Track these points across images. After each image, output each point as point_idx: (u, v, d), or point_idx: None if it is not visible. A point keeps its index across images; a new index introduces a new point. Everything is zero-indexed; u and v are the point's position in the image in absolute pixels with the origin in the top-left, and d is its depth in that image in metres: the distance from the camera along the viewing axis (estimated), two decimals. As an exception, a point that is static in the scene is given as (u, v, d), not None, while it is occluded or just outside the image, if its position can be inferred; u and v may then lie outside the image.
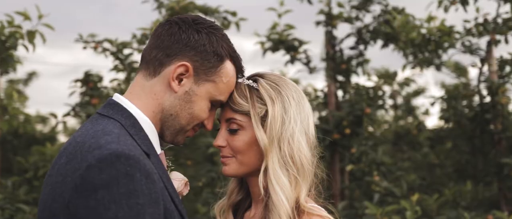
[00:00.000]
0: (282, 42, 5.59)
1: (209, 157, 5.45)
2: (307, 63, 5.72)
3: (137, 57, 5.13)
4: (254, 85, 1.72)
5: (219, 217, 1.87)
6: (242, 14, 5.39)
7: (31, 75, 11.70)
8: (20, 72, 11.58)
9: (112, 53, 5.04)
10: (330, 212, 1.73)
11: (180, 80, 1.60)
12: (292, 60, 5.67)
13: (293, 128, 1.68)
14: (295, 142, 1.67)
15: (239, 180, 1.86)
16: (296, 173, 1.66)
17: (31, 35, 4.28)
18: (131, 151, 1.41)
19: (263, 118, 1.68)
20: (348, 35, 5.66)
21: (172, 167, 1.75)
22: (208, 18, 1.74)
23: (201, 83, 1.61)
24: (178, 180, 1.71)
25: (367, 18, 5.63)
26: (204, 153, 5.62)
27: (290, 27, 5.59)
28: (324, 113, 5.66)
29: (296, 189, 1.66)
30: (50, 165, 1.54)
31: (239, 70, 1.72)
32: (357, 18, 5.55)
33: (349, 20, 5.51)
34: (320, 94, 6.13)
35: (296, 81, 8.99)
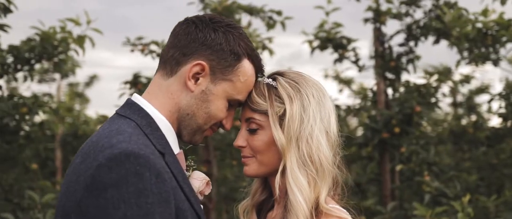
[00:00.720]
0: (330, 41, 5.51)
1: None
2: (356, 61, 5.62)
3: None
4: (273, 84, 1.69)
5: (243, 217, 1.85)
6: (289, 13, 5.36)
7: (92, 78, 12.10)
8: (83, 76, 12.01)
9: (158, 55, 5.12)
10: (379, 213, 1.68)
11: (196, 79, 1.59)
12: (341, 59, 5.59)
13: (312, 126, 1.63)
14: (314, 141, 1.63)
15: (263, 180, 1.83)
16: (315, 174, 1.62)
17: (80, 39, 4.42)
18: (141, 150, 1.41)
19: (282, 117, 1.64)
20: (398, 32, 5.51)
21: (194, 166, 1.75)
22: (253, 18, 1.73)
23: (218, 82, 1.60)
24: (200, 179, 1.71)
25: (417, 14, 5.45)
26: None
27: (338, 25, 5.51)
28: (373, 112, 5.53)
29: (315, 189, 1.62)
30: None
31: (259, 69, 1.69)
32: (406, 14, 5.38)
33: (398, 16, 5.35)
34: (369, 92, 6.01)
35: (350, 80, 8.82)
